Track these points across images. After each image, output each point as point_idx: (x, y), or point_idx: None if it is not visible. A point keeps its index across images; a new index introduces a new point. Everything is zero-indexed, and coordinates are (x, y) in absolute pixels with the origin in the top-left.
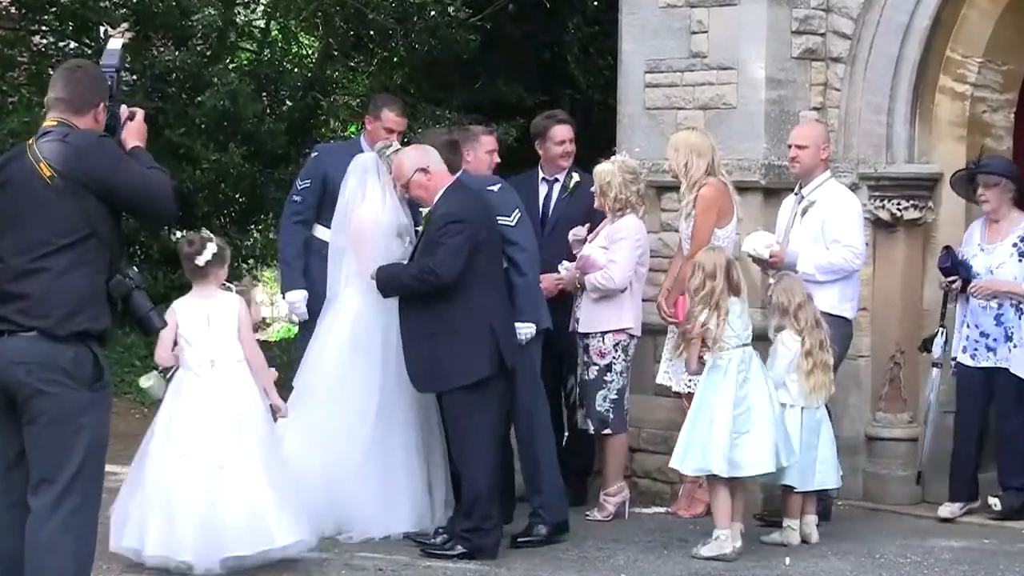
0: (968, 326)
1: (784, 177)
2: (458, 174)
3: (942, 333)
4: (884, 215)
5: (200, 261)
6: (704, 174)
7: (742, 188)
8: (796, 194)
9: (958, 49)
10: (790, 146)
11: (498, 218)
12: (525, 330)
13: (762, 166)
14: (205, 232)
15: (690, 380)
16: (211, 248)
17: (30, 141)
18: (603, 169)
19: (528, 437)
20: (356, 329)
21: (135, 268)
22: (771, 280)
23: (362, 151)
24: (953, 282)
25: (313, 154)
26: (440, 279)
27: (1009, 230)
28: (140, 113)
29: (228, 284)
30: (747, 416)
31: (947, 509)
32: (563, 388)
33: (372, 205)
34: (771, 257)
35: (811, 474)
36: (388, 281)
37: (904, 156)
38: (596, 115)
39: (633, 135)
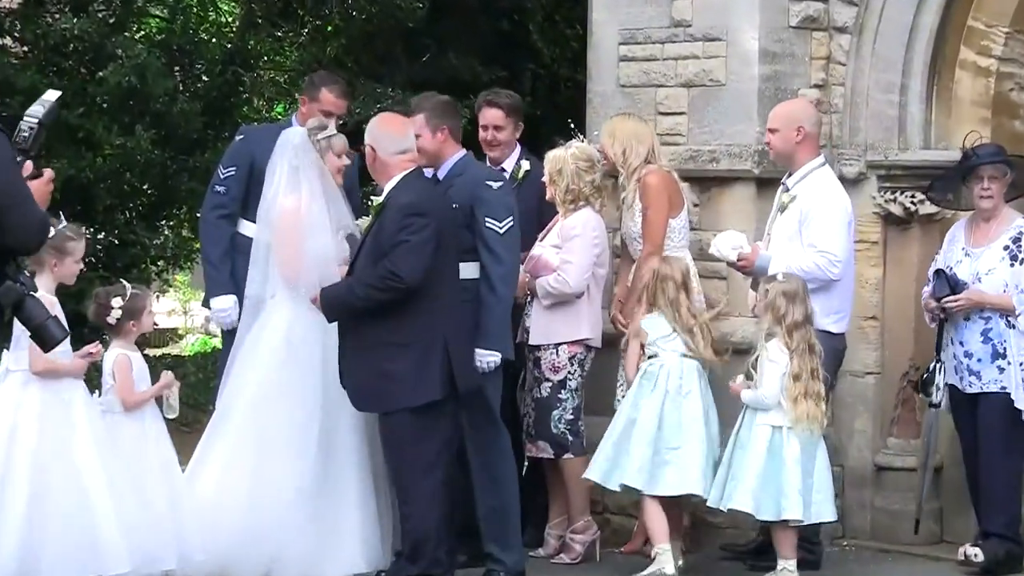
0: (951, 342)
1: (781, 165)
2: (461, 153)
3: (940, 369)
4: (896, 209)
5: None
6: (643, 162)
7: (732, 178)
8: (782, 184)
9: (982, 17)
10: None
11: (486, 220)
12: (489, 358)
13: (755, 152)
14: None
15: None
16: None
17: None
18: (555, 155)
19: (485, 477)
20: (289, 339)
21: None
22: (756, 288)
23: None
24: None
25: (238, 137)
26: (404, 283)
27: (1000, 230)
28: (48, 175)
29: (124, 283)
30: (676, 432)
31: (968, 551)
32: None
33: (302, 193)
34: (739, 260)
35: (808, 504)
36: (338, 302)
37: (919, 141)
38: (563, 93)
39: (605, 116)
